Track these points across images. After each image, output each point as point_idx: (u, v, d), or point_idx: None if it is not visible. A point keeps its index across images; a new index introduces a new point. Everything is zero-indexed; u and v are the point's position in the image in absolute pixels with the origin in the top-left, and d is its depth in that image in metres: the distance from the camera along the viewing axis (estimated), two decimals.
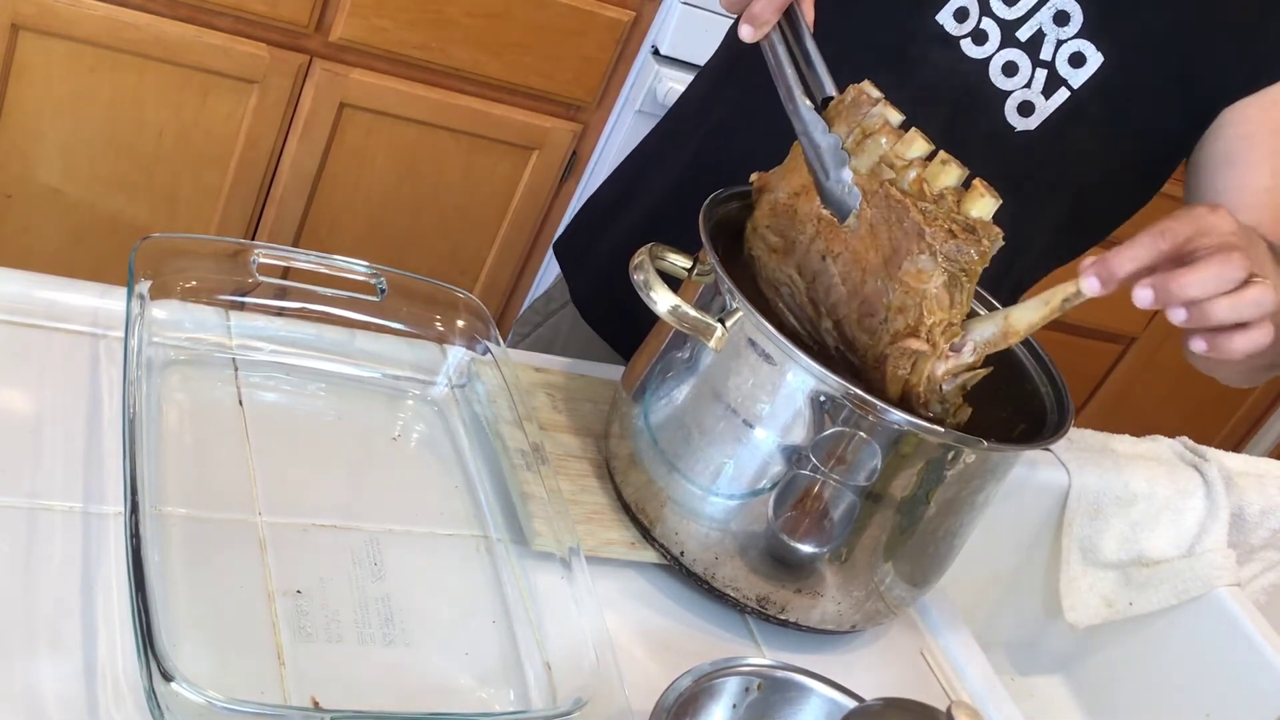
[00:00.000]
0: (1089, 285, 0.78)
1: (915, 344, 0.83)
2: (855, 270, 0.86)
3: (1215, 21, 1.08)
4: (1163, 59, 1.09)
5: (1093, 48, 1.07)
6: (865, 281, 0.85)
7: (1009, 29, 1.07)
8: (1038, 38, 1.07)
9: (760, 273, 0.91)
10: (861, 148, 0.85)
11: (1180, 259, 0.79)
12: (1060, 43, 1.07)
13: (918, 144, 0.84)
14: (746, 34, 0.86)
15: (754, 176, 0.94)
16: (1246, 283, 0.77)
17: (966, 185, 0.83)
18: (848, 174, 0.85)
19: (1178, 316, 0.78)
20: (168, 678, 0.63)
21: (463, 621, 0.82)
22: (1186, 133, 1.12)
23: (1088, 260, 0.79)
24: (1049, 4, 1.06)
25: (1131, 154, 1.14)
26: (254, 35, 1.87)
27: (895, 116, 0.85)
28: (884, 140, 0.85)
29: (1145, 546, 1.21)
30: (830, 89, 0.87)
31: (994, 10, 1.07)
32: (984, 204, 0.82)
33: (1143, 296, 0.77)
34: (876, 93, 0.86)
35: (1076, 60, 1.07)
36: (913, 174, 0.84)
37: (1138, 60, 1.08)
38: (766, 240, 0.91)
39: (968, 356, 0.84)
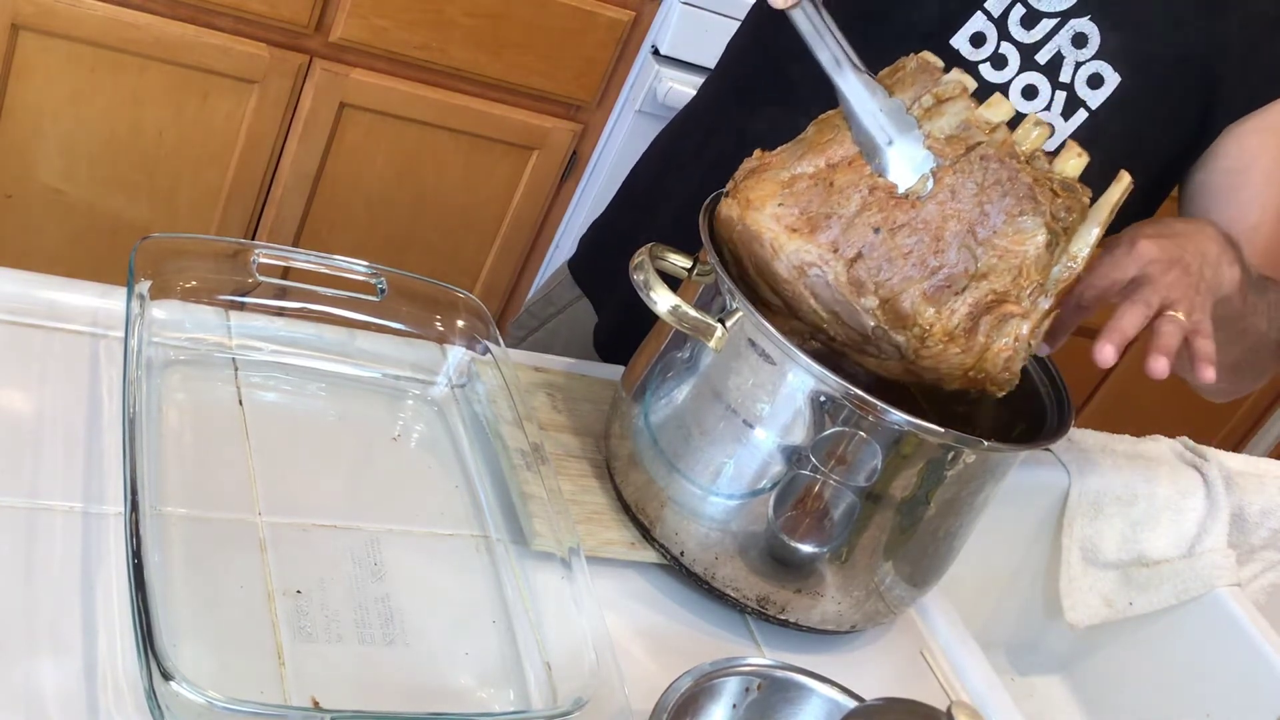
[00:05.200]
0: (1105, 355, 0.86)
1: (1013, 308, 0.82)
2: (926, 240, 0.83)
3: (1226, 39, 1.09)
4: (1178, 77, 1.09)
5: (1110, 69, 1.07)
6: (941, 251, 0.83)
7: (1028, 53, 1.07)
8: (1057, 60, 1.07)
9: (769, 255, 0.86)
10: (938, 112, 0.84)
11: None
12: (1079, 65, 1.07)
13: (1004, 107, 0.84)
14: (780, 0, 0.83)
15: (757, 154, 0.90)
16: (1159, 312, 0.87)
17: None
18: (918, 138, 0.83)
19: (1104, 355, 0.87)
20: (168, 677, 0.63)
21: (463, 621, 0.82)
22: (1191, 149, 1.13)
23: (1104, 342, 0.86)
24: (1067, 26, 1.06)
25: (1142, 172, 1.15)
26: (254, 35, 1.87)
27: (970, 82, 0.84)
28: (963, 105, 0.84)
29: (1145, 546, 1.21)
30: (858, 63, 0.85)
31: (1012, 34, 1.07)
32: (1078, 163, 0.83)
33: (1105, 354, 0.86)
34: (939, 61, 0.85)
35: (1095, 81, 1.07)
36: (999, 137, 0.83)
37: (1154, 80, 1.09)
38: (781, 220, 0.86)
39: (1045, 305, 0.83)
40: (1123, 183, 0.84)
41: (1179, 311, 0.87)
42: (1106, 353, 0.85)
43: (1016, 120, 0.85)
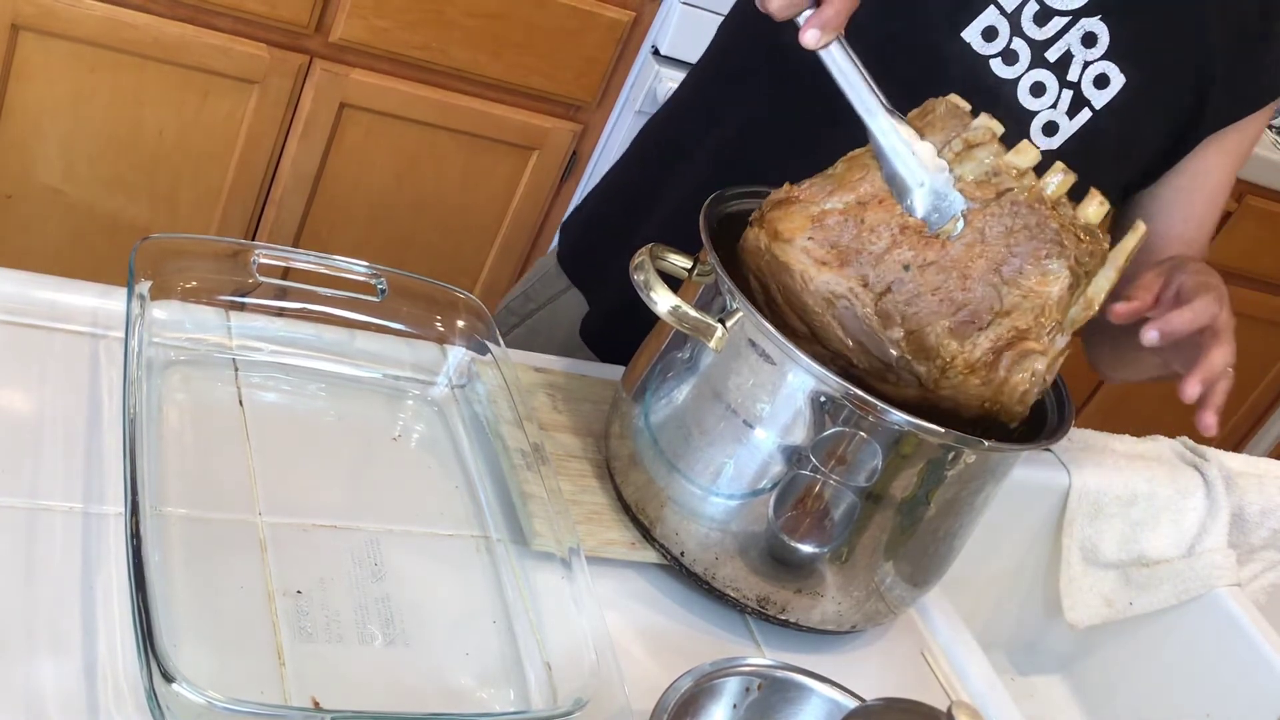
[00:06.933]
0: (1151, 338, 0.94)
1: (1033, 345, 0.85)
2: (954, 278, 0.87)
3: (1213, 50, 1.10)
4: (1180, 82, 1.10)
5: (1117, 70, 1.08)
6: (968, 289, 0.86)
7: (1039, 49, 1.07)
8: (1066, 59, 1.07)
9: (798, 286, 0.89)
10: (968, 156, 0.87)
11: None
12: (1087, 64, 1.08)
13: (1031, 153, 0.87)
14: (813, 39, 0.85)
15: (786, 187, 0.92)
16: None
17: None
18: (949, 181, 0.86)
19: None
20: (168, 678, 0.63)
21: (463, 621, 0.82)
22: (1169, 156, 1.15)
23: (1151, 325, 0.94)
24: (1078, 25, 1.07)
25: (1134, 173, 1.16)
26: (254, 35, 1.87)
27: (999, 128, 0.88)
28: (992, 150, 0.87)
29: (1145, 546, 1.21)
30: (889, 105, 0.88)
31: (1025, 31, 1.07)
32: (1099, 210, 0.87)
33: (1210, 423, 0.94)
34: (967, 105, 0.89)
35: (1101, 82, 1.08)
36: (1027, 183, 0.86)
37: (1157, 84, 1.10)
38: (811, 254, 0.89)
39: (1061, 343, 0.86)
40: (1139, 232, 0.88)
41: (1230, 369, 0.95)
42: (1211, 422, 0.92)
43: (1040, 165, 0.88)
